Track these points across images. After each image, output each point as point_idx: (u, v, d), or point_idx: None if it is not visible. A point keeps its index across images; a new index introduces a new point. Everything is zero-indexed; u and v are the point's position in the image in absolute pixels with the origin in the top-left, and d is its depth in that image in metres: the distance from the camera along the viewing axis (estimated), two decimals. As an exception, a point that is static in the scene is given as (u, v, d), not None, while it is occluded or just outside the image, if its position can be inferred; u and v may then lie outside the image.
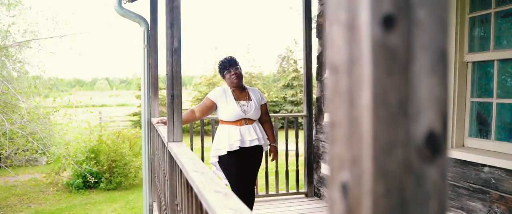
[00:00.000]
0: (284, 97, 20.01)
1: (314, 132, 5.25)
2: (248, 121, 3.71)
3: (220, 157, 3.70)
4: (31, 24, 8.48)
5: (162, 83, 19.14)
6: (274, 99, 19.61)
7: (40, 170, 11.03)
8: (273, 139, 4.01)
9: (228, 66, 3.71)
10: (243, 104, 3.73)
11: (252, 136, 3.68)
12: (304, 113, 5.22)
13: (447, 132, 0.43)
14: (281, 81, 20.62)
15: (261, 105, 3.87)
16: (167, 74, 2.73)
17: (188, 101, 20.31)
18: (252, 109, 3.72)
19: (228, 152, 3.63)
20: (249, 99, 3.80)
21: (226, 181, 3.83)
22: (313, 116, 5.25)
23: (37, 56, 8.44)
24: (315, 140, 5.23)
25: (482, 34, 2.95)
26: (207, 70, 20.24)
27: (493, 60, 2.83)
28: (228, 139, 3.64)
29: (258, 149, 3.79)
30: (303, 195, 5.24)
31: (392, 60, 0.41)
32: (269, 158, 4.04)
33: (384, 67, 0.41)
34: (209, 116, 4.78)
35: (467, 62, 3.02)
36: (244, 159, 3.70)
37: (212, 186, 1.51)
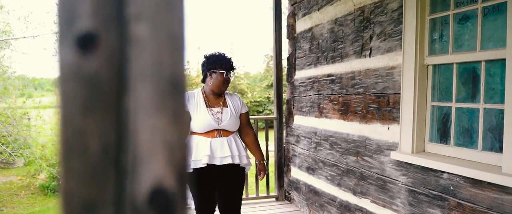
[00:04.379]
0: (268, 97, 19.93)
1: (284, 134, 5.15)
2: (222, 132, 3.06)
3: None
4: (3, 24, 8.28)
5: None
6: (258, 100, 19.53)
7: (16, 173, 10.82)
8: (260, 155, 3.35)
9: (222, 66, 3.09)
10: (217, 112, 3.09)
11: (225, 152, 3.01)
12: (275, 115, 5.12)
13: (183, 184, 0.33)
14: (265, 81, 20.55)
15: (241, 114, 3.23)
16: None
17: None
18: (227, 117, 3.08)
19: (194, 169, 3.00)
20: (225, 106, 3.16)
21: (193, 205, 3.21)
22: (284, 118, 5.15)
23: (8, 57, 8.25)
24: (285, 143, 5.14)
25: (442, 36, 2.87)
26: (190, 70, 20.05)
27: (452, 63, 2.75)
28: (195, 153, 3.01)
29: (235, 169, 3.11)
30: (274, 199, 5.15)
31: (93, 93, 0.30)
32: (259, 178, 3.43)
33: (80, 103, 0.30)
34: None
35: (428, 65, 2.94)
36: (215, 180, 3.10)
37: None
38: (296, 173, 4.86)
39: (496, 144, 2.45)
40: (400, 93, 3.08)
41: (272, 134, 5.20)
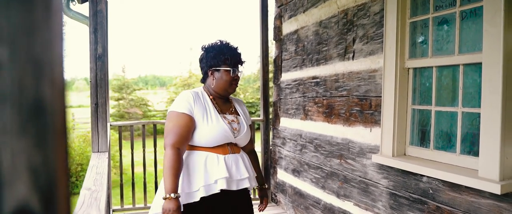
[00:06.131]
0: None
1: (271, 136, 5.15)
2: (234, 148, 2.41)
3: (185, 206, 2.24)
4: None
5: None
6: (250, 101, 19.51)
7: None
8: (262, 178, 2.72)
9: (228, 61, 2.40)
10: (232, 121, 2.42)
11: (242, 172, 2.35)
12: (261, 117, 5.12)
13: (50, 208, 0.32)
14: (258, 82, 20.56)
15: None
16: (90, 81, 2.59)
17: (163, 102, 20.12)
18: (243, 129, 2.45)
19: (202, 198, 2.24)
20: (237, 114, 2.53)
21: None
22: (270, 120, 5.15)
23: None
24: (271, 145, 5.13)
25: (422, 39, 2.88)
26: (182, 71, 20.05)
27: (431, 67, 2.76)
28: (204, 175, 2.24)
29: (244, 194, 2.47)
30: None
31: None
32: (260, 207, 2.80)
33: None
34: (150, 120, 4.62)
35: (408, 68, 2.94)
36: (222, 211, 2.34)
37: (87, 209, 1.38)
38: (282, 175, 4.86)
39: (473, 148, 2.46)
40: (381, 96, 3.08)
41: (258, 136, 5.19)
